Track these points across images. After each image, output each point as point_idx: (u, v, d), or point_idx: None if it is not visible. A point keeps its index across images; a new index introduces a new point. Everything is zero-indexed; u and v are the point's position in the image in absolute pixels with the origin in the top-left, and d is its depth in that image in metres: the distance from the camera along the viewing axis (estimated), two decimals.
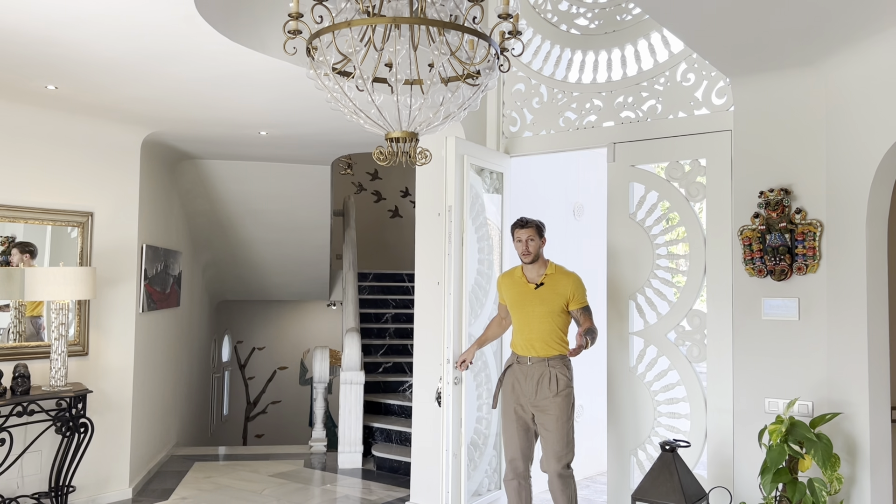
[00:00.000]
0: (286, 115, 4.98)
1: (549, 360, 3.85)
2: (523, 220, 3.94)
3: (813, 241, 3.44)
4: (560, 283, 3.89)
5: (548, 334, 3.86)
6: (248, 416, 11.64)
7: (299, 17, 2.28)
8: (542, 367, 3.84)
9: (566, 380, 3.85)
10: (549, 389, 3.81)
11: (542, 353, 3.85)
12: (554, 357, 3.85)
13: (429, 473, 4.85)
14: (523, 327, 3.93)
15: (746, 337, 3.65)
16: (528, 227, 3.91)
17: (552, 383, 3.81)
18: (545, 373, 3.83)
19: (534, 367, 3.86)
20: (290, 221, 7.75)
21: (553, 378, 3.81)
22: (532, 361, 3.87)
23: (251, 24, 3.66)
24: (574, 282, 3.90)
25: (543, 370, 3.84)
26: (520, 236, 3.92)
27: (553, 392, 3.81)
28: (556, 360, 3.86)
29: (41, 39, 3.51)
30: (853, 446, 3.28)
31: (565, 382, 3.84)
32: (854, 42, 3.12)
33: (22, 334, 4.77)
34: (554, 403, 3.80)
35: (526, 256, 3.91)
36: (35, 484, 4.70)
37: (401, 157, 2.35)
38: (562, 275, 3.92)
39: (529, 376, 3.87)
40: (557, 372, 3.83)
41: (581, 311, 3.88)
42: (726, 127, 3.90)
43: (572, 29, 4.60)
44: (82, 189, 5.08)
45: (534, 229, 3.91)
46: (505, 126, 4.89)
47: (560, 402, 3.80)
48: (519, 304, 3.97)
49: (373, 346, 7.59)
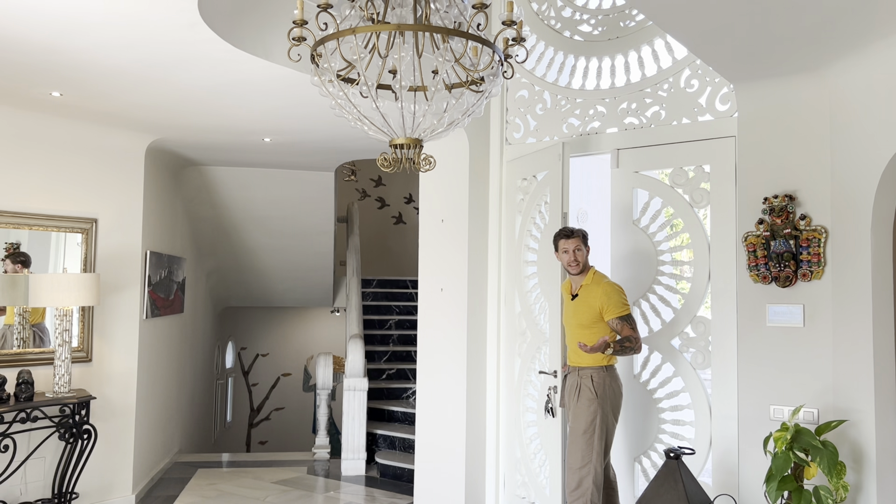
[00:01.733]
0: (290, 121, 4.99)
1: (580, 370, 3.77)
2: (568, 230, 3.81)
3: (818, 248, 3.43)
4: (592, 294, 3.76)
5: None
6: (252, 422, 11.63)
7: (304, 25, 2.28)
8: (576, 377, 3.79)
9: (589, 392, 3.71)
10: (572, 400, 3.76)
11: (577, 363, 3.79)
12: (586, 368, 3.75)
13: (432, 480, 4.84)
14: (567, 337, 3.92)
15: (751, 344, 3.64)
16: (573, 238, 3.79)
17: (575, 393, 3.75)
18: (575, 383, 3.77)
19: (573, 375, 3.82)
20: (293, 228, 7.76)
21: (579, 388, 3.74)
22: (571, 371, 3.85)
23: (255, 31, 3.67)
24: (605, 291, 3.73)
25: (576, 379, 3.78)
26: (566, 247, 3.80)
27: (574, 402, 3.74)
28: (588, 370, 3.75)
29: (46, 47, 3.53)
30: (859, 454, 3.26)
31: (587, 396, 3.71)
32: (858, 48, 3.11)
33: (26, 341, 4.78)
34: (576, 413, 3.72)
35: (574, 267, 3.80)
36: (38, 490, 4.70)
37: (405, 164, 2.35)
38: (595, 284, 3.78)
39: (570, 386, 3.83)
40: (584, 384, 3.73)
41: (618, 320, 3.69)
42: (730, 133, 3.90)
43: (576, 35, 4.60)
44: (86, 196, 5.09)
45: (580, 239, 3.79)
46: (508, 132, 4.89)
47: (581, 412, 3.70)
48: (565, 315, 3.96)
49: (376, 353, 7.58)
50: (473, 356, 4.76)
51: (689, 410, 4.03)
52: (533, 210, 4.56)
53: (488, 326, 4.86)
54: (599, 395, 3.70)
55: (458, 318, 4.75)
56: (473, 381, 4.74)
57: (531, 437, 4.51)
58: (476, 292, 4.79)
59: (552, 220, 4.26)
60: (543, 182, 4.44)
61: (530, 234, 4.59)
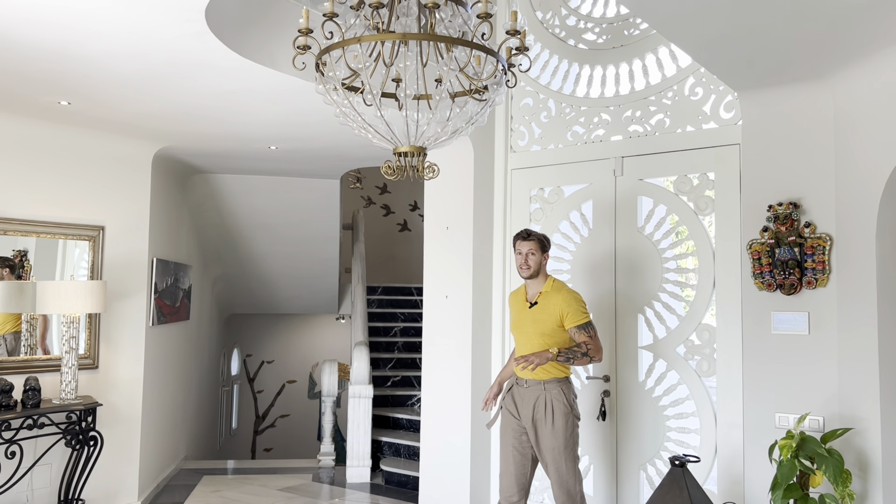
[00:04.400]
0: (296, 129, 5.01)
1: (545, 383, 3.60)
2: (525, 232, 3.72)
3: (822, 255, 3.43)
4: (552, 301, 3.63)
5: None
6: (257, 429, 11.64)
7: (309, 33, 2.31)
8: (537, 391, 3.60)
9: (564, 406, 3.57)
10: (544, 418, 3.57)
11: (538, 376, 3.60)
12: (550, 380, 3.60)
13: (437, 488, 4.84)
14: (520, 348, 3.74)
15: (756, 351, 3.63)
16: (529, 240, 3.69)
17: (547, 411, 3.57)
18: (541, 397, 3.59)
19: (530, 390, 3.63)
20: (299, 235, 7.78)
21: (548, 405, 3.57)
22: (528, 384, 3.64)
23: (261, 40, 3.69)
24: (565, 298, 3.61)
25: (539, 394, 3.60)
26: (520, 249, 3.70)
27: (550, 420, 3.56)
28: (553, 383, 3.60)
29: (54, 56, 3.56)
30: (865, 462, 3.25)
31: (562, 410, 3.56)
32: (862, 56, 3.12)
33: (33, 347, 4.80)
34: (551, 434, 3.55)
35: (524, 270, 3.70)
36: (45, 497, 4.71)
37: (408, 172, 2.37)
38: (556, 292, 3.66)
39: (526, 400, 3.63)
40: (553, 398, 3.57)
41: (578, 328, 3.58)
42: (735, 141, 3.91)
43: (580, 44, 4.62)
44: (94, 203, 5.12)
45: (536, 242, 3.69)
46: (513, 140, 4.91)
47: (558, 432, 3.55)
48: (517, 323, 3.78)
49: (381, 360, 7.58)
50: (478, 363, 4.76)
51: (695, 418, 4.02)
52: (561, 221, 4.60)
53: (493, 333, 4.86)
54: (573, 407, 3.62)
55: (463, 325, 4.75)
56: (478, 387, 4.74)
57: None
58: (481, 299, 4.80)
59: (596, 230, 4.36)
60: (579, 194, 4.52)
61: (554, 244, 4.60)
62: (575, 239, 4.55)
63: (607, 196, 4.40)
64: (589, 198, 4.49)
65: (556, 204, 4.65)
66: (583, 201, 4.52)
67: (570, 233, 4.58)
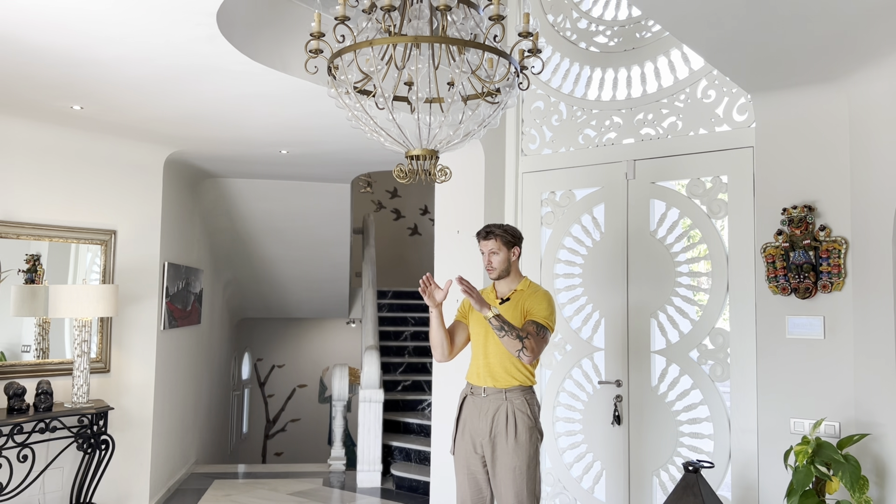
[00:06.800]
0: (307, 133, 5.02)
1: (507, 391, 3.18)
2: (485, 230, 3.30)
3: (838, 259, 3.39)
4: (523, 300, 3.27)
5: (508, 359, 3.21)
6: (268, 433, 11.65)
7: (321, 37, 2.30)
8: (498, 401, 3.18)
9: (527, 419, 3.16)
10: (505, 432, 3.14)
11: (499, 384, 3.20)
12: (514, 388, 3.19)
13: (448, 493, 4.81)
14: (479, 351, 3.30)
15: (770, 356, 3.60)
16: (489, 239, 3.28)
17: (509, 424, 3.14)
18: (501, 408, 3.17)
19: (489, 399, 3.20)
20: (310, 239, 7.79)
21: (510, 417, 3.15)
22: (487, 393, 3.22)
23: (272, 43, 3.70)
24: (539, 296, 3.25)
25: (500, 404, 3.18)
26: (481, 248, 3.31)
27: (512, 435, 3.13)
28: (517, 392, 3.19)
29: (66, 60, 3.58)
30: (882, 468, 3.21)
31: (526, 423, 3.15)
32: (877, 58, 3.09)
33: (45, 351, 4.82)
34: (511, 451, 3.13)
35: (489, 272, 3.30)
36: (56, 500, 4.73)
37: (421, 175, 2.35)
38: (532, 291, 3.30)
39: (483, 411, 3.20)
40: (516, 409, 3.16)
41: (534, 323, 3.16)
42: (748, 143, 3.88)
43: (592, 47, 4.60)
44: (106, 207, 5.14)
45: (497, 240, 3.26)
46: (524, 143, 4.89)
47: (521, 448, 3.13)
48: (478, 321, 3.32)
49: (392, 364, 7.58)
50: None
51: (708, 423, 3.99)
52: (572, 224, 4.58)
53: None
54: (537, 421, 3.23)
55: None
56: None
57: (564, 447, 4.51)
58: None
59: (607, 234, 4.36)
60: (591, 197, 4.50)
61: (566, 247, 4.59)
62: (587, 243, 4.52)
63: (619, 199, 4.38)
64: (601, 201, 4.47)
65: (567, 207, 4.62)
66: (594, 205, 4.50)
67: (582, 236, 4.56)
